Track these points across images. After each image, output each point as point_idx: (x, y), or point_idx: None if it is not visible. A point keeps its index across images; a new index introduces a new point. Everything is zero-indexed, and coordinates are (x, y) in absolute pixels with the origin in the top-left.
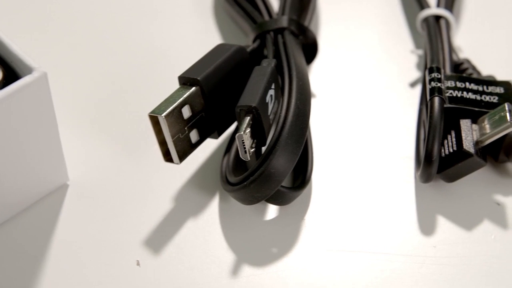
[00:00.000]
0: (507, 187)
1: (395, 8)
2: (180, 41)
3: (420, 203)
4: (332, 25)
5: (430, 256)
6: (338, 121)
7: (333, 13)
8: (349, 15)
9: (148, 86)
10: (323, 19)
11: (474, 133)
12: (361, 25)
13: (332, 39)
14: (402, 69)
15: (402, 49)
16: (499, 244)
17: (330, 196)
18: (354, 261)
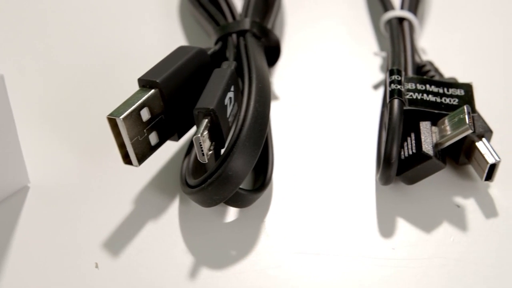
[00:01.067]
0: (467, 189)
1: (360, 10)
2: (144, 42)
3: (380, 206)
4: (297, 27)
5: (389, 258)
6: (301, 123)
7: (298, 15)
8: (314, 17)
9: (111, 88)
10: (288, 21)
11: (433, 135)
12: (326, 27)
13: (297, 41)
14: (366, 71)
15: (367, 51)
16: (458, 246)
17: (290, 198)
18: (314, 263)
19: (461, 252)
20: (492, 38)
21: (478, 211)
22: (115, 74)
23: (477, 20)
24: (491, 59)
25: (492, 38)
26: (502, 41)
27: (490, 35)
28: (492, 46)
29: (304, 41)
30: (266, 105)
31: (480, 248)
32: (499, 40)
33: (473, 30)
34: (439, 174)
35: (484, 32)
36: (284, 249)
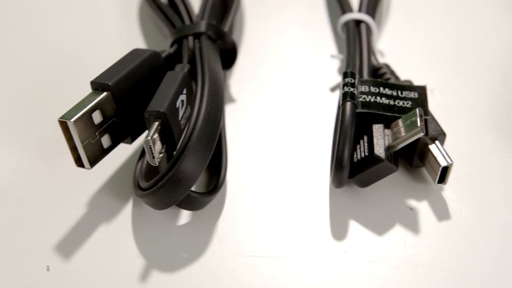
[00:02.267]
0: (421, 192)
1: (320, 12)
2: (102, 44)
3: (333, 208)
4: (256, 29)
5: (340, 261)
6: (257, 125)
7: (257, 17)
8: (274, 19)
9: (66, 90)
10: (247, 23)
11: (386, 138)
12: (286, 30)
13: (256, 43)
14: (324, 73)
15: (326, 53)
16: (410, 248)
17: (244, 201)
18: (265, 266)
19: (413, 255)
20: (449, 40)
21: (431, 214)
22: (72, 76)
23: (434, 23)
24: (448, 61)
25: (449, 41)
26: (458, 43)
27: (448, 37)
28: (449, 49)
29: (263, 43)
30: (219, 107)
31: (432, 251)
32: (456, 42)
33: (431, 33)
34: (393, 177)
35: (441, 35)
36: (235, 252)
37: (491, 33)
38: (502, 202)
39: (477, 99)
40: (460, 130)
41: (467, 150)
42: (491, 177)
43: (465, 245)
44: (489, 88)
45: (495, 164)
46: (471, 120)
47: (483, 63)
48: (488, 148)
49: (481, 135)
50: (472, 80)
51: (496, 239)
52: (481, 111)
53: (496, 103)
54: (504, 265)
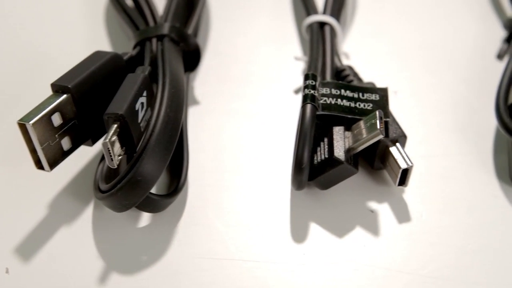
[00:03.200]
0: (382, 194)
1: (286, 14)
2: (66, 46)
3: (293, 211)
4: (222, 31)
5: (299, 264)
6: (220, 127)
7: (223, 20)
8: (239, 21)
9: (29, 92)
10: (213, 25)
11: (346, 140)
12: (252, 31)
13: (222, 45)
14: (288, 75)
15: (291, 56)
16: (370, 251)
17: (205, 203)
18: (224, 269)
19: (372, 257)
20: (414, 43)
21: (391, 216)
22: (34, 78)
23: (399, 25)
24: (412, 63)
25: (414, 43)
26: (423, 45)
27: (412, 40)
28: (414, 51)
29: (228, 45)
30: (179, 110)
31: (391, 253)
32: (421, 44)
33: (396, 35)
34: (354, 179)
35: (406, 37)
36: (195, 254)
37: (455, 35)
38: (462, 204)
39: (440, 101)
40: (422, 132)
41: (429, 152)
42: (452, 179)
43: (424, 247)
44: (452, 90)
45: (456, 166)
46: (433, 122)
47: (446, 65)
48: (450, 150)
49: (442, 137)
50: (435, 82)
51: (456, 241)
52: (444, 113)
53: (459, 105)
54: (463, 268)
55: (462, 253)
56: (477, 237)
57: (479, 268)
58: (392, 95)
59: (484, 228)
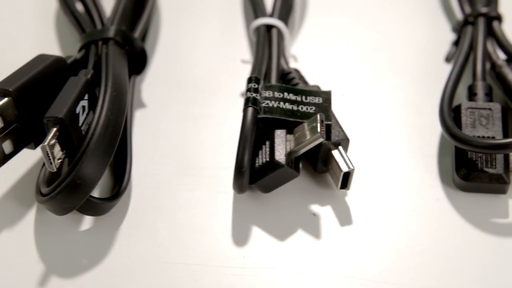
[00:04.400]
0: (325, 197)
1: (237, 16)
2: (14, 49)
3: (236, 214)
4: (172, 34)
5: (239, 267)
6: (166, 130)
7: (174, 22)
8: (189, 24)
9: None
10: (163, 28)
11: (288, 143)
12: (201, 34)
13: (171, 48)
14: (236, 79)
15: (239, 59)
16: (311, 254)
17: (148, 206)
18: (165, 272)
19: (313, 260)
20: (362, 45)
21: (333, 219)
22: None
23: (349, 28)
24: (360, 66)
25: (362, 46)
26: (370, 48)
27: (361, 42)
28: (362, 53)
29: (177, 48)
30: (120, 113)
31: (333, 256)
32: (368, 47)
33: (345, 38)
34: (298, 182)
35: (355, 40)
36: (137, 258)
37: (404, 38)
38: (405, 207)
39: (386, 104)
40: (367, 135)
41: (373, 154)
42: (396, 182)
43: (367, 250)
44: (399, 92)
45: (400, 169)
46: (379, 125)
47: (395, 67)
48: (394, 153)
49: (387, 140)
50: (383, 84)
51: (398, 244)
52: (390, 116)
53: (405, 108)
54: (406, 271)
55: (405, 256)
56: (419, 240)
57: (422, 271)
58: (338, 97)
59: (427, 231)
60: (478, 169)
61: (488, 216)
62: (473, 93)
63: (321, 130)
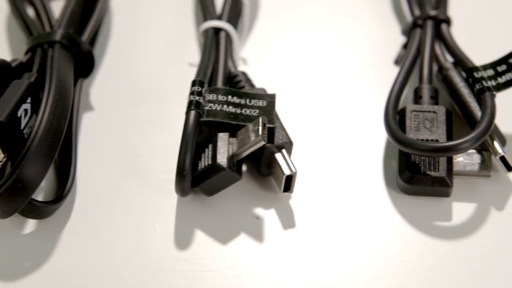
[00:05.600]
0: (269, 200)
1: (188, 19)
2: None
3: (179, 217)
4: (122, 37)
5: (181, 270)
6: (113, 133)
7: (125, 25)
8: (141, 26)
9: None
10: (114, 31)
11: (230, 146)
12: (152, 37)
13: (121, 51)
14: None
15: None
16: (252, 257)
17: (92, 209)
18: (107, 276)
19: (254, 263)
20: (314, 48)
21: (277, 222)
22: None
23: (300, 31)
24: (311, 69)
25: (314, 48)
26: (323, 51)
27: (312, 45)
28: (313, 56)
29: (127, 51)
30: (62, 117)
31: (275, 260)
32: (321, 50)
33: (295, 40)
34: (242, 185)
35: (305, 42)
36: (79, 261)
37: (354, 40)
38: (349, 210)
39: (334, 106)
40: (313, 138)
41: (318, 157)
42: (340, 185)
43: (310, 254)
44: (348, 95)
45: (345, 172)
46: (325, 127)
47: (344, 70)
48: (339, 155)
49: (333, 143)
50: (332, 87)
51: (342, 248)
52: (336, 119)
53: (354, 110)
54: (348, 274)
55: (347, 259)
56: (363, 243)
57: (365, 274)
58: (285, 100)
59: (370, 235)
60: (421, 172)
61: (432, 219)
62: (419, 96)
63: (263, 133)
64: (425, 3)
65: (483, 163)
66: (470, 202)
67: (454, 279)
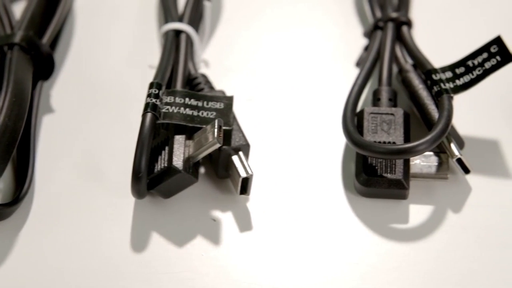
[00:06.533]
0: (226, 203)
1: (151, 21)
2: None
3: (136, 219)
4: (84, 39)
5: (136, 273)
6: (72, 136)
7: (87, 27)
8: (102, 28)
9: None
10: (76, 33)
11: (187, 149)
12: (114, 40)
13: (82, 54)
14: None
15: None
16: (208, 259)
17: (49, 211)
18: (65, 278)
19: (210, 266)
20: (275, 50)
21: (233, 225)
22: None
23: (262, 33)
24: (272, 71)
25: (275, 51)
26: (284, 53)
27: (274, 47)
28: (274, 58)
29: (88, 53)
30: (19, 119)
31: (230, 262)
32: (282, 52)
33: (256, 43)
34: (199, 187)
35: (267, 44)
36: (37, 263)
37: (316, 42)
38: (307, 213)
39: (293, 108)
40: (272, 140)
41: (277, 160)
42: (298, 188)
43: (266, 257)
44: (308, 97)
45: (303, 175)
46: (284, 130)
47: (305, 72)
48: (298, 157)
49: (292, 145)
50: (292, 89)
51: (298, 251)
52: (296, 121)
53: (313, 113)
54: (304, 277)
55: (304, 262)
56: (320, 246)
57: (320, 276)
58: (245, 103)
59: (327, 237)
60: (378, 175)
61: (388, 222)
62: (377, 98)
63: (218, 135)
64: (387, 5)
65: (441, 165)
66: (427, 204)
67: (411, 281)
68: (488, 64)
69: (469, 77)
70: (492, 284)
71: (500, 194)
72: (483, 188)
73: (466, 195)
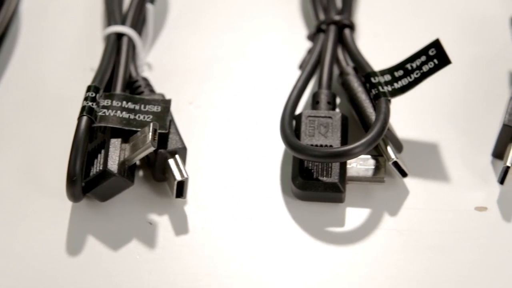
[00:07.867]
0: (163, 206)
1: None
2: None
3: (72, 223)
4: (28, 42)
5: (71, 276)
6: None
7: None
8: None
9: None
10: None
11: (122, 152)
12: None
13: (26, 57)
14: None
15: None
16: (144, 263)
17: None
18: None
19: (146, 269)
20: (218, 53)
21: (169, 228)
22: None
23: (206, 37)
24: (214, 74)
25: (218, 54)
26: (227, 56)
27: (217, 50)
28: (217, 62)
29: (34, 56)
30: None
31: (166, 264)
32: (224, 55)
33: (201, 47)
34: (136, 191)
35: (213, 47)
36: None
37: (259, 45)
38: (244, 216)
39: (233, 112)
40: (209, 143)
41: (214, 163)
42: (235, 192)
43: (201, 259)
44: (248, 100)
45: (241, 178)
46: (222, 133)
47: (248, 74)
48: (235, 161)
49: (229, 149)
50: (233, 92)
51: (234, 254)
52: (234, 124)
53: (251, 117)
54: (238, 281)
55: (239, 267)
56: (256, 250)
57: (256, 280)
58: (186, 106)
59: (264, 241)
60: (313, 178)
61: (325, 225)
62: (316, 101)
63: (153, 138)
64: (330, 8)
65: (378, 168)
66: (364, 207)
67: (347, 284)
68: (426, 67)
69: (407, 80)
70: (428, 287)
71: (437, 198)
72: (420, 191)
73: (403, 199)
